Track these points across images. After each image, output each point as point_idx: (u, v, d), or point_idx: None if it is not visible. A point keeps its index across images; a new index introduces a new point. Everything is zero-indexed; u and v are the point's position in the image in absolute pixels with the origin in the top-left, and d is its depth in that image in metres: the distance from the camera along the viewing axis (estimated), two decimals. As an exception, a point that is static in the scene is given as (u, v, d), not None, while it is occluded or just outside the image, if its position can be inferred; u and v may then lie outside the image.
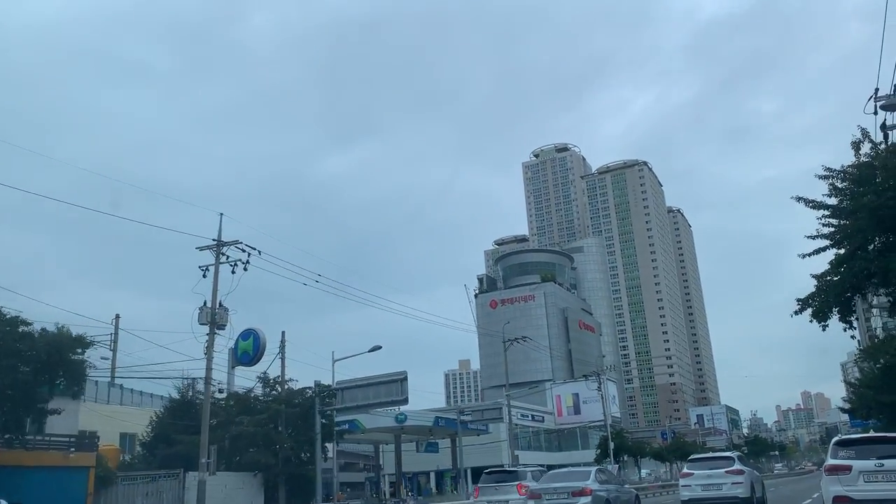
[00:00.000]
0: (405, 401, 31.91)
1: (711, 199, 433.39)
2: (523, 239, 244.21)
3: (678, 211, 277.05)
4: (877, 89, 17.93)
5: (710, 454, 28.81)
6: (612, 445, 72.13)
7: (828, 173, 17.88)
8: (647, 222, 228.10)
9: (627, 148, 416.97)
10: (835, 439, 15.12)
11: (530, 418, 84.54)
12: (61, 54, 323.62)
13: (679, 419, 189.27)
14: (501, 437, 77.57)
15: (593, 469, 23.68)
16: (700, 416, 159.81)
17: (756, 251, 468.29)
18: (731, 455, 24.17)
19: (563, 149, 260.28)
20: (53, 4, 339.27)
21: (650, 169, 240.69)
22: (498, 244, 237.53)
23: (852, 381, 47.97)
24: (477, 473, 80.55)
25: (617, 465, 73.92)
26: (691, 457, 26.21)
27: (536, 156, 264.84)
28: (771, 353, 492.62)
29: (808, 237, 19.01)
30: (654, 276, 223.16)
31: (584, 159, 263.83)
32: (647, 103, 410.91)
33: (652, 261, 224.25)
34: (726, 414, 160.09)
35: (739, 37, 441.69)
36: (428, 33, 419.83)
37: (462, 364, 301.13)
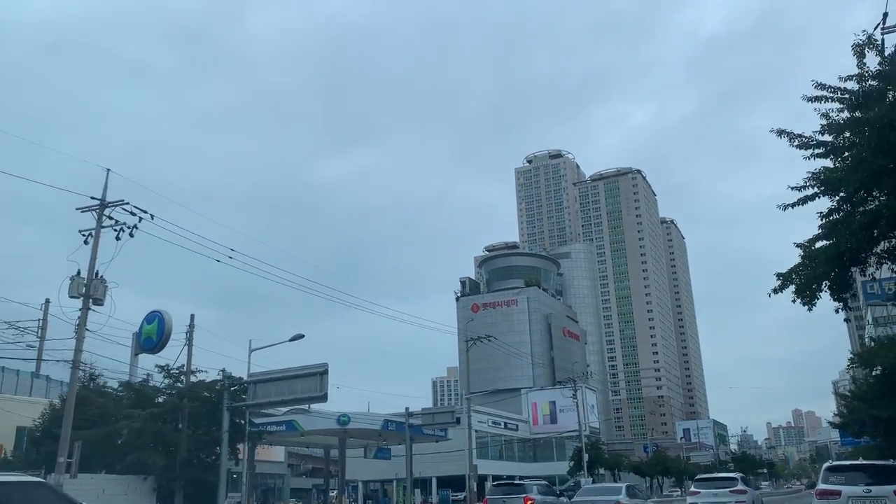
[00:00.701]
0: (324, 397, 27.24)
1: (707, 215, 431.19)
2: (513, 246, 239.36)
3: (671, 222, 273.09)
4: (886, 14, 13.89)
5: (716, 475, 31.12)
6: (586, 457, 67.45)
7: (821, 93, 13.28)
8: (639, 231, 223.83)
9: (624, 161, 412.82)
10: (826, 465, 16.34)
11: (502, 426, 79.74)
12: (62, 51, 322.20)
13: (666, 433, 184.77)
14: (474, 445, 72.88)
15: (624, 485, 25.89)
16: (686, 431, 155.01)
17: (751, 269, 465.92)
18: (735, 476, 27.06)
19: (557, 155, 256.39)
20: (53, 3, 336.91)
21: (644, 178, 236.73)
22: (488, 250, 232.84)
23: (844, 392, 43.45)
24: (443, 482, 76.11)
25: (591, 479, 69.23)
26: (698, 476, 28.87)
27: (530, 162, 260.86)
28: (763, 371, 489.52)
29: (793, 188, 14.45)
30: (645, 287, 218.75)
31: (577, 166, 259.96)
32: (646, 117, 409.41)
33: (643, 271, 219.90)
34: (713, 429, 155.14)
35: (739, 54, 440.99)
36: (428, 41, 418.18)
37: (450, 371, 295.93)
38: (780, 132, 13.94)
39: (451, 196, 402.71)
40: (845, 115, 13.45)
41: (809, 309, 14.76)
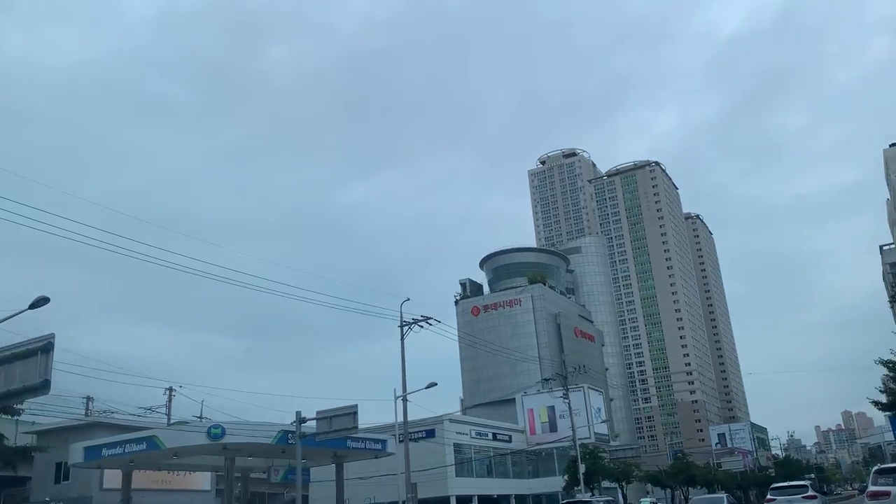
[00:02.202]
0: (44, 386, 16.53)
1: (739, 218, 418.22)
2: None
3: (698, 217, 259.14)
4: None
5: (789, 483, 33.04)
6: (582, 468, 55.87)
7: None
8: (661, 227, 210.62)
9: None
10: (875, 468, 18.77)
11: (490, 437, 68.26)
12: (84, 93, 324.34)
13: (702, 440, 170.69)
14: (447, 461, 61.68)
15: (724, 496, 33.30)
16: (721, 436, 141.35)
17: (787, 270, 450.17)
18: (806, 483, 31.91)
19: (571, 154, 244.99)
20: (75, 44, 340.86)
21: (663, 170, 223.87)
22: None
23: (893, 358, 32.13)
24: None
25: (590, 493, 57.53)
26: (773, 486, 31.05)
27: (543, 162, 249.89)
28: (807, 375, 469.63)
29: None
30: (671, 286, 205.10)
31: (593, 165, 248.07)
32: (670, 122, 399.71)
33: (668, 268, 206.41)
34: (750, 432, 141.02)
35: (762, 53, 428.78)
36: (446, 60, 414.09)
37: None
38: None
39: (477, 211, 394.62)
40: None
41: None
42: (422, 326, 39.94)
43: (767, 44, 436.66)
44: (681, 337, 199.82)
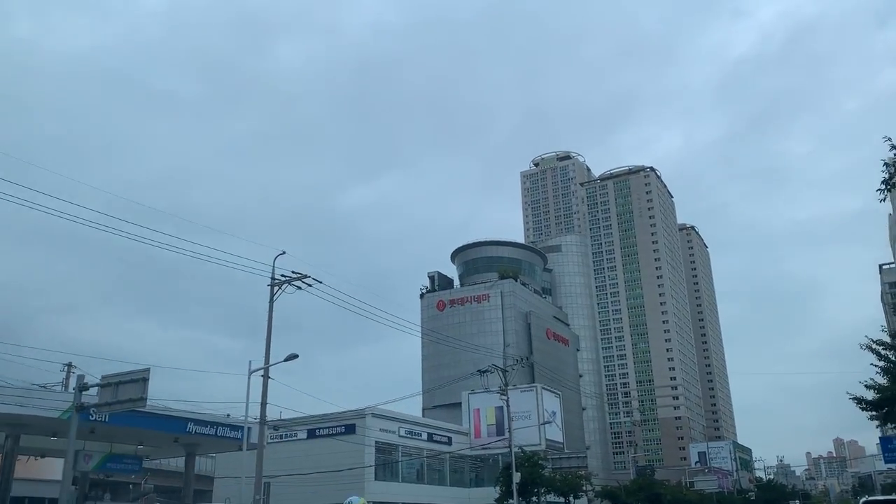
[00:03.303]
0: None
1: (739, 241, 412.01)
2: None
3: (692, 228, 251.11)
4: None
5: (882, 497, 35.45)
6: (517, 478, 47.55)
7: None
8: (652, 234, 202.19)
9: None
10: (863, 499, 20.40)
11: (424, 437, 59.84)
12: (92, 82, 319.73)
13: (684, 458, 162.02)
14: (366, 462, 53.38)
15: None
16: (703, 454, 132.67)
17: (786, 295, 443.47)
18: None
19: (566, 157, 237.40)
20: (84, 34, 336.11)
21: (658, 176, 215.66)
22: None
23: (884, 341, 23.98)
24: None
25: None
26: (865, 499, 27.61)
27: (536, 164, 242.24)
28: (801, 401, 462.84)
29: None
30: (660, 296, 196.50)
31: (588, 169, 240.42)
32: (674, 141, 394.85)
33: (658, 277, 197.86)
34: (731, 452, 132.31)
35: (769, 76, 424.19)
36: (453, 68, 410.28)
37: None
38: None
39: (477, 219, 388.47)
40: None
41: None
42: (298, 287, 31.74)
43: (775, 68, 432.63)
44: (667, 350, 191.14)
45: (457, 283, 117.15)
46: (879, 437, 54.33)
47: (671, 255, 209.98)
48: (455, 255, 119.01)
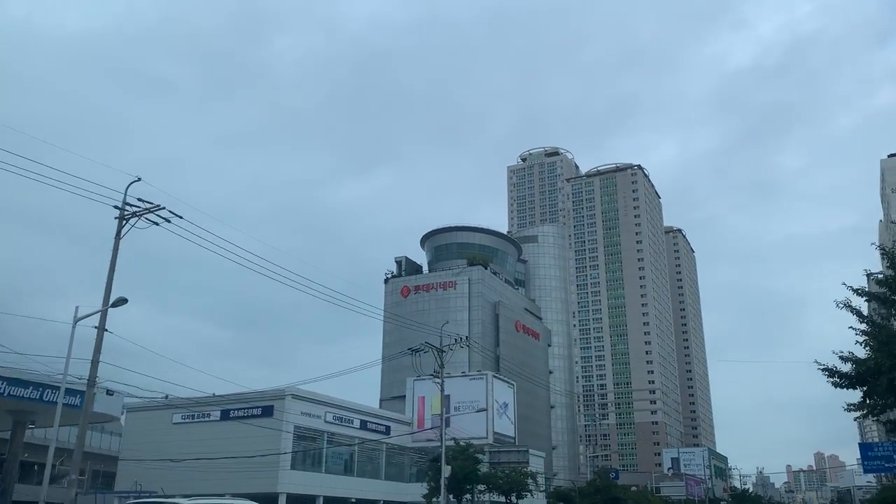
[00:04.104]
0: None
1: (730, 253, 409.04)
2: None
3: (679, 231, 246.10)
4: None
5: None
6: (446, 471, 41.65)
7: None
8: (637, 234, 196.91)
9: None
10: None
11: (357, 425, 53.80)
12: (86, 65, 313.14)
13: (659, 464, 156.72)
14: (282, 448, 47.36)
15: None
16: (675, 460, 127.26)
17: (774, 308, 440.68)
18: None
19: (554, 153, 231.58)
20: (80, 17, 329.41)
21: (646, 175, 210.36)
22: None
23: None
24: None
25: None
26: None
27: (524, 159, 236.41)
28: (785, 414, 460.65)
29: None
30: (642, 297, 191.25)
31: (576, 166, 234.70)
32: (669, 150, 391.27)
33: (640, 278, 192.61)
34: (706, 459, 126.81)
35: (766, 90, 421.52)
36: (451, 67, 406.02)
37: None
38: None
39: (471, 217, 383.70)
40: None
41: None
42: (156, 223, 25.64)
43: (773, 81, 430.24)
44: (647, 352, 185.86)
45: (426, 269, 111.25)
46: (859, 444, 48.84)
47: (655, 256, 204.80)
48: (425, 240, 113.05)
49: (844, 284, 17.80)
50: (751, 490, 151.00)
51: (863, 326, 17.87)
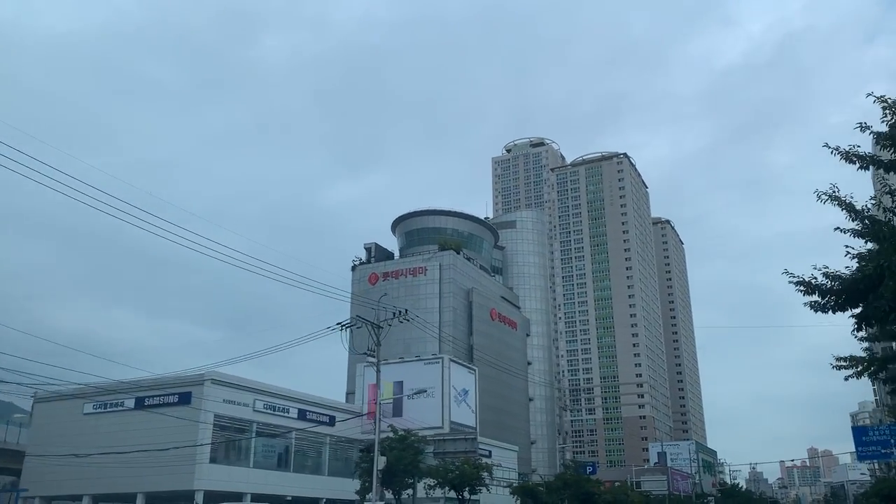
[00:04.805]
0: None
1: (721, 250, 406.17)
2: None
3: (668, 223, 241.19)
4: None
5: None
6: (380, 463, 36.08)
7: None
8: (623, 223, 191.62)
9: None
10: None
11: (293, 414, 48.12)
12: (74, 66, 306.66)
13: (646, 460, 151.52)
14: (199, 439, 41.78)
15: None
16: (662, 455, 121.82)
17: (765, 305, 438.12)
18: None
19: (539, 143, 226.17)
20: (68, 18, 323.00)
21: (632, 164, 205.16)
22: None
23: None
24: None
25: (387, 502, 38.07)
26: None
27: (509, 150, 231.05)
28: (779, 410, 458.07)
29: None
30: (629, 288, 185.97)
31: (562, 157, 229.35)
32: (660, 147, 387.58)
33: (627, 269, 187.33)
34: (693, 452, 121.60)
35: (756, 87, 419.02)
36: (442, 65, 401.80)
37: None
38: None
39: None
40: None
41: None
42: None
43: (763, 78, 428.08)
44: (634, 345, 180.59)
45: (398, 257, 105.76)
46: (852, 427, 43.57)
47: (643, 247, 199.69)
48: (396, 225, 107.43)
49: (827, 146, 12.52)
50: (742, 486, 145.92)
51: (855, 226, 12.56)
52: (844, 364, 17.35)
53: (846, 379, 16.75)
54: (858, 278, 11.56)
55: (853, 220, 12.68)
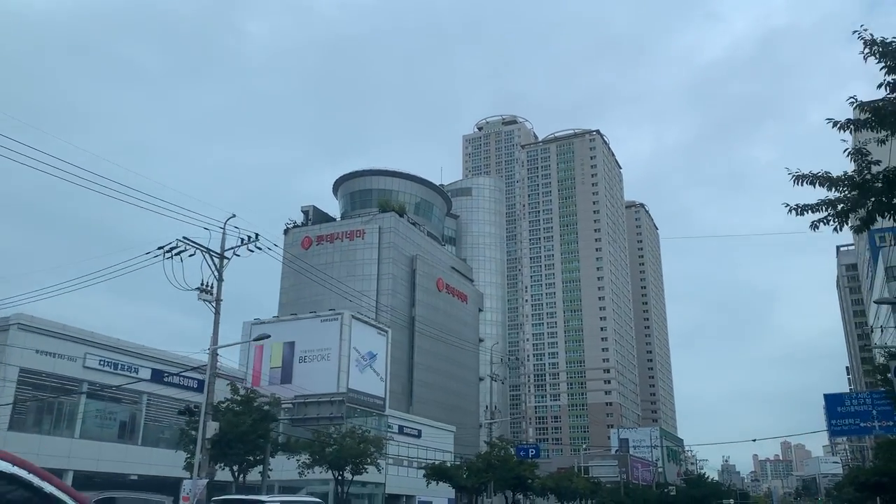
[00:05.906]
0: None
1: (700, 245, 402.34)
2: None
3: (642, 206, 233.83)
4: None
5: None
6: (213, 429, 27.24)
7: None
8: (594, 203, 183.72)
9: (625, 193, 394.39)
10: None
11: (143, 375, 39.13)
12: (52, 47, 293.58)
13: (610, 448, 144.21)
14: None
15: None
16: (624, 441, 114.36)
17: (744, 302, 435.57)
18: None
19: (511, 121, 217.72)
20: None
21: (605, 141, 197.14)
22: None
23: None
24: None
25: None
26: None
27: (480, 128, 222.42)
28: (754, 405, 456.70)
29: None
30: (598, 270, 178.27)
31: (535, 136, 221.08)
32: (643, 144, 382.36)
33: (597, 249, 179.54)
34: (657, 440, 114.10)
35: (738, 83, 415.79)
36: (426, 54, 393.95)
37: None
38: None
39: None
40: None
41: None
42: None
43: (744, 74, 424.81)
44: (602, 329, 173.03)
45: (339, 220, 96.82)
46: (824, 395, 35.51)
47: (614, 229, 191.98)
48: (337, 186, 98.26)
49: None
50: (710, 477, 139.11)
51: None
52: (810, 207, 9.68)
53: (813, 228, 9.48)
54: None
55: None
